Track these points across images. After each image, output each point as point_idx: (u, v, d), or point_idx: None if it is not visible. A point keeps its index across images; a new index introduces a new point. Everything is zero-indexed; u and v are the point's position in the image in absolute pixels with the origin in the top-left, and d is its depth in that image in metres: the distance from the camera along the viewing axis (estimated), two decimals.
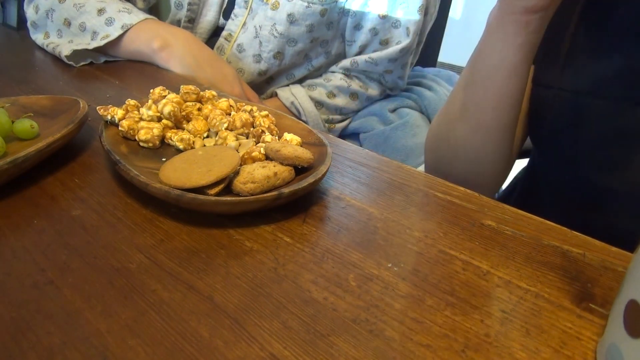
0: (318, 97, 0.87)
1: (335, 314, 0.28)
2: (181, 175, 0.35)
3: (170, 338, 0.25)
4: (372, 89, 0.90)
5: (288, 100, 0.86)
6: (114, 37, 0.68)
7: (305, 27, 0.79)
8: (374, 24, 0.82)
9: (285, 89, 0.87)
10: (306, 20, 0.79)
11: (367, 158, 0.47)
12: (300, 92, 0.86)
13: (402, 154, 0.83)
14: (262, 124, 0.45)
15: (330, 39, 0.86)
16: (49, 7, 0.72)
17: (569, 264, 0.33)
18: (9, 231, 0.33)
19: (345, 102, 0.89)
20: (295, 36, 0.80)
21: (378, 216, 0.37)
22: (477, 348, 0.26)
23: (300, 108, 0.85)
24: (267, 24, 0.79)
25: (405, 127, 0.85)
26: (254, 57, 0.82)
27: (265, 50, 0.81)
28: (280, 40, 0.80)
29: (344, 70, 0.88)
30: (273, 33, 0.79)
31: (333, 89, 0.87)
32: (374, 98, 0.91)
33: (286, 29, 0.79)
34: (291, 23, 0.79)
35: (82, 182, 0.39)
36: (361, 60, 0.85)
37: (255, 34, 0.80)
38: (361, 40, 0.85)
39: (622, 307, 0.24)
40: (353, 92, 0.88)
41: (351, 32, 0.85)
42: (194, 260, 0.31)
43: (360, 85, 0.89)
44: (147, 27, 0.70)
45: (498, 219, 0.38)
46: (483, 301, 0.29)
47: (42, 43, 0.72)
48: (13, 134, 0.42)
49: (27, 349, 0.24)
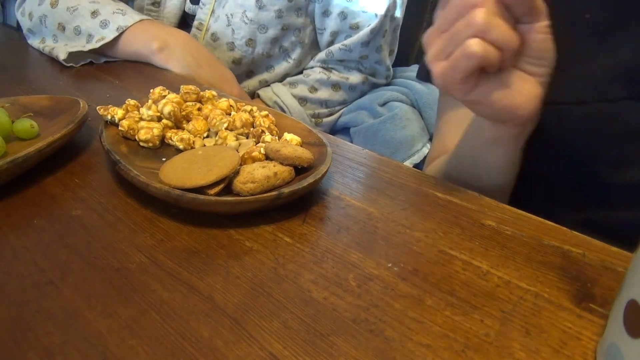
0: (300, 93, 0.88)
1: (335, 314, 0.28)
2: (181, 175, 0.35)
3: (170, 338, 0.25)
4: (352, 78, 0.91)
5: (271, 100, 0.86)
6: (110, 39, 0.68)
7: (274, 13, 0.82)
8: (341, 8, 0.85)
9: (266, 89, 0.89)
10: (274, 5, 0.82)
11: (367, 158, 0.47)
12: (282, 91, 0.87)
13: (392, 146, 0.83)
14: (262, 124, 0.45)
15: (301, 27, 0.88)
16: (42, 14, 0.72)
17: (569, 264, 0.33)
18: (9, 231, 0.33)
19: (328, 95, 0.90)
20: (265, 22, 0.83)
21: (378, 216, 0.37)
22: (477, 348, 0.26)
23: (284, 106, 0.86)
24: (238, 11, 0.82)
25: (394, 120, 0.85)
26: (227, 45, 0.84)
27: (238, 37, 0.83)
28: (250, 26, 0.82)
29: (322, 62, 0.90)
30: (244, 20, 0.82)
31: (314, 83, 0.88)
32: (357, 87, 0.92)
33: (255, 15, 0.81)
34: (260, 8, 0.81)
35: (82, 182, 0.39)
36: (335, 50, 0.88)
37: (228, 22, 0.82)
38: (331, 26, 0.87)
39: (622, 307, 0.24)
40: (334, 83, 0.90)
41: (320, 20, 0.88)
42: (194, 260, 0.31)
43: (340, 75, 0.90)
44: (144, 29, 0.70)
45: (498, 219, 0.38)
46: (483, 301, 0.29)
47: (39, 47, 0.72)
48: (13, 134, 0.42)
49: (27, 349, 0.24)
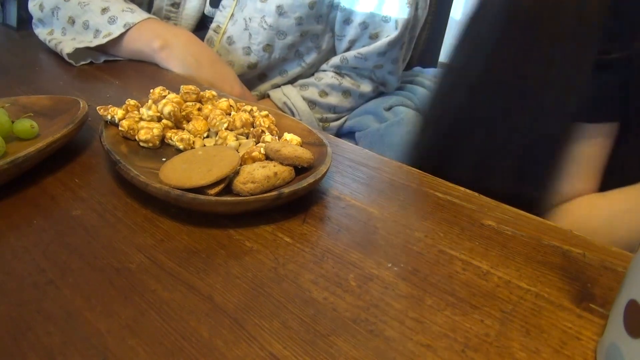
0: (310, 96, 0.87)
1: (335, 314, 0.28)
2: (181, 175, 0.35)
3: (170, 338, 0.25)
4: (364, 86, 0.90)
5: (280, 101, 0.86)
6: (116, 35, 0.68)
7: (294, 20, 0.80)
8: (364, 17, 0.83)
9: (277, 90, 0.87)
10: (295, 13, 0.80)
11: (367, 158, 0.47)
12: (292, 92, 0.86)
13: (398, 151, 0.83)
14: (262, 124, 0.45)
15: (320, 34, 0.86)
16: (54, 5, 0.72)
17: (569, 264, 0.33)
18: (9, 231, 0.33)
19: (338, 101, 0.89)
20: (285, 28, 0.81)
21: (378, 216, 0.37)
22: (477, 348, 0.26)
23: (293, 108, 0.85)
24: (257, 15, 0.80)
25: (400, 125, 0.85)
26: (243, 49, 0.82)
27: (255, 42, 0.81)
28: (269, 32, 0.80)
29: (335, 68, 0.89)
30: (262, 25, 0.80)
31: (325, 87, 0.87)
32: (367, 95, 0.91)
33: (275, 20, 0.80)
34: (280, 15, 0.79)
35: (82, 182, 0.39)
36: (350, 57, 0.86)
37: (245, 26, 0.81)
38: (351, 34, 0.85)
39: (622, 307, 0.24)
40: (345, 90, 0.89)
41: (341, 27, 0.86)
42: (194, 260, 0.31)
43: (352, 82, 0.89)
44: (148, 27, 0.70)
45: (498, 219, 0.38)
46: (483, 301, 0.29)
47: (45, 38, 0.72)
48: (13, 134, 0.42)
49: (27, 349, 0.24)
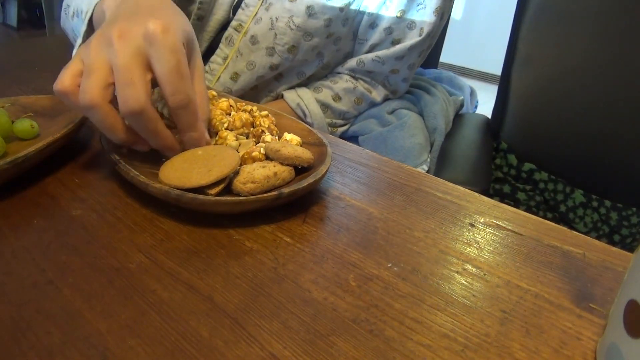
0: (324, 99, 0.86)
1: (335, 314, 0.28)
2: (181, 175, 0.35)
3: (170, 338, 0.25)
4: (375, 93, 0.89)
5: (294, 102, 0.85)
6: (90, 13, 0.62)
7: (323, 21, 0.79)
8: (389, 23, 0.82)
9: (291, 91, 0.86)
10: (325, 14, 0.78)
11: (367, 158, 0.47)
12: (306, 94, 0.85)
13: (401, 154, 0.83)
14: (262, 124, 0.45)
15: (343, 37, 0.85)
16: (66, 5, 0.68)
17: (569, 264, 0.33)
18: (9, 231, 0.33)
19: (349, 106, 0.88)
20: (312, 30, 0.79)
21: (378, 216, 0.37)
22: (477, 348, 0.26)
23: (306, 110, 0.84)
24: (285, 15, 0.78)
25: (403, 128, 0.84)
26: (267, 49, 0.80)
27: (280, 43, 0.80)
28: (296, 32, 0.79)
29: (350, 70, 0.88)
30: (290, 25, 0.78)
31: (339, 91, 0.86)
32: (376, 103, 0.91)
33: (304, 21, 0.78)
34: (309, 16, 0.78)
35: (82, 182, 0.39)
36: (368, 60, 0.84)
37: (271, 25, 0.79)
38: (374, 39, 0.84)
39: (622, 307, 0.24)
40: (359, 95, 0.88)
41: (365, 30, 0.84)
42: (194, 260, 0.31)
43: (365, 87, 0.88)
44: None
45: (498, 219, 0.38)
46: (483, 301, 0.29)
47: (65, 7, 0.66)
48: (13, 134, 0.42)
49: (27, 348, 0.24)
